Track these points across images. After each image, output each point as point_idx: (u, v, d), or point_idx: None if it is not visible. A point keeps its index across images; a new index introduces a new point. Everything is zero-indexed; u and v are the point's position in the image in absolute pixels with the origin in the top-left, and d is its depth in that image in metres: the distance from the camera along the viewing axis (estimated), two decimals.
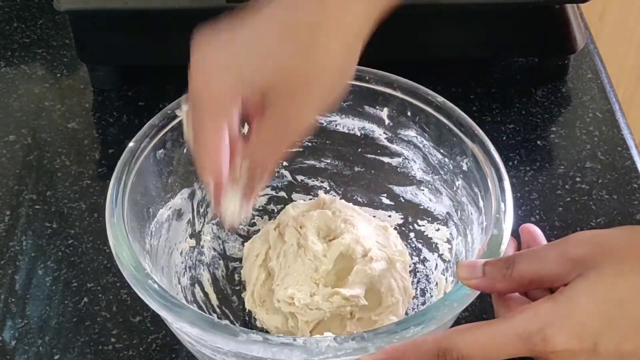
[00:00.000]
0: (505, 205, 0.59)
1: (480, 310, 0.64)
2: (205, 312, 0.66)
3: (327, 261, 0.64)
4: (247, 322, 0.67)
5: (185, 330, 0.54)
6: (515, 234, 0.62)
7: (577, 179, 0.78)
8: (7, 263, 0.71)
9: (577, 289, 0.48)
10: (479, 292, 0.54)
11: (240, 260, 0.71)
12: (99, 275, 0.71)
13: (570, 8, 0.82)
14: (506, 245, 0.57)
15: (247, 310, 0.67)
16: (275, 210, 0.74)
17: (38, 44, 0.91)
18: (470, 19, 0.82)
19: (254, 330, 0.53)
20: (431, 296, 0.68)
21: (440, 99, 0.66)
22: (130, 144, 0.63)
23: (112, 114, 0.84)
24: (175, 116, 0.65)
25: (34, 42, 0.91)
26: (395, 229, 0.71)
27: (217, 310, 0.67)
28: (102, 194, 0.76)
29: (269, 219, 0.73)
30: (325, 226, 0.67)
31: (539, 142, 0.81)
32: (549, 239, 0.71)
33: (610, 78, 0.87)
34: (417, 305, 0.68)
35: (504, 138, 0.81)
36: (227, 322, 0.66)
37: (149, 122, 0.65)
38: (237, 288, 0.69)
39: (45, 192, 0.77)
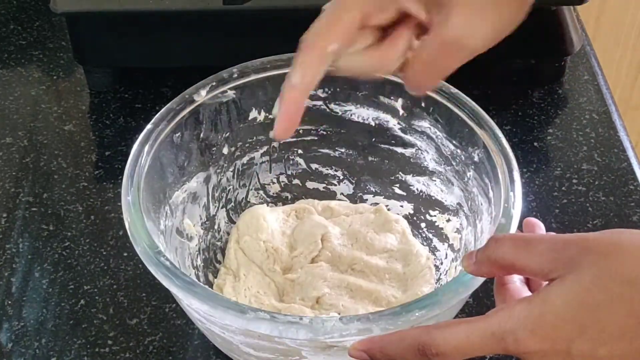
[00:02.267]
0: (514, 195, 0.60)
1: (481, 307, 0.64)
2: None
3: None
4: None
5: (194, 307, 0.55)
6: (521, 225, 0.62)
7: (574, 181, 0.78)
8: (3, 265, 0.71)
9: (552, 293, 0.48)
10: (484, 279, 0.55)
11: None
12: (95, 278, 0.71)
13: (566, 10, 0.82)
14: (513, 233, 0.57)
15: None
16: (289, 197, 0.74)
17: (35, 46, 0.91)
18: None
19: (262, 309, 0.53)
20: (441, 285, 0.68)
21: (453, 90, 0.66)
22: (148, 126, 0.63)
23: (109, 116, 0.84)
24: (193, 100, 0.65)
25: (30, 44, 0.91)
26: (406, 219, 0.72)
27: None
28: (99, 196, 0.76)
29: (283, 206, 0.74)
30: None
31: (535, 144, 0.81)
32: None
33: (606, 80, 0.88)
34: None
35: None
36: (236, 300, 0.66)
37: (167, 106, 0.65)
38: None
39: (42, 195, 0.77)
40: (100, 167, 0.79)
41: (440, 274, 0.69)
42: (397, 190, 0.72)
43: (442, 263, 0.69)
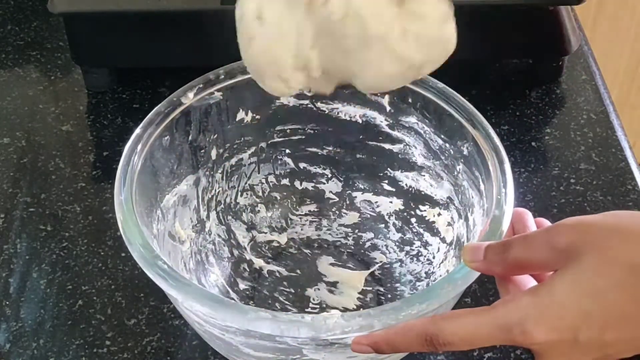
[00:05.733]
0: (506, 187, 0.60)
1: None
2: None
3: None
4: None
5: (194, 309, 0.55)
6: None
7: (572, 181, 0.78)
8: (1, 266, 0.71)
9: (556, 283, 0.49)
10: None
11: (245, 248, 0.72)
12: (93, 278, 0.71)
13: (564, 10, 0.82)
14: (507, 225, 0.57)
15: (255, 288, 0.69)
16: (278, 197, 0.74)
17: (32, 47, 0.91)
18: (464, 21, 0.82)
19: (263, 309, 0.54)
20: (434, 279, 0.68)
21: (440, 85, 0.66)
22: (137, 131, 0.63)
23: (107, 116, 0.84)
24: (181, 103, 0.65)
25: (28, 45, 0.91)
26: (396, 214, 0.72)
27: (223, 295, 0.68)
28: (97, 197, 0.76)
29: (272, 206, 0.73)
30: None
31: (533, 144, 0.81)
32: None
33: (604, 79, 0.88)
34: (422, 288, 0.68)
35: None
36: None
37: (155, 109, 0.65)
38: (244, 275, 0.70)
39: (40, 195, 0.77)
40: (98, 168, 0.79)
41: (434, 267, 0.69)
42: (386, 187, 0.72)
43: (434, 257, 0.69)
